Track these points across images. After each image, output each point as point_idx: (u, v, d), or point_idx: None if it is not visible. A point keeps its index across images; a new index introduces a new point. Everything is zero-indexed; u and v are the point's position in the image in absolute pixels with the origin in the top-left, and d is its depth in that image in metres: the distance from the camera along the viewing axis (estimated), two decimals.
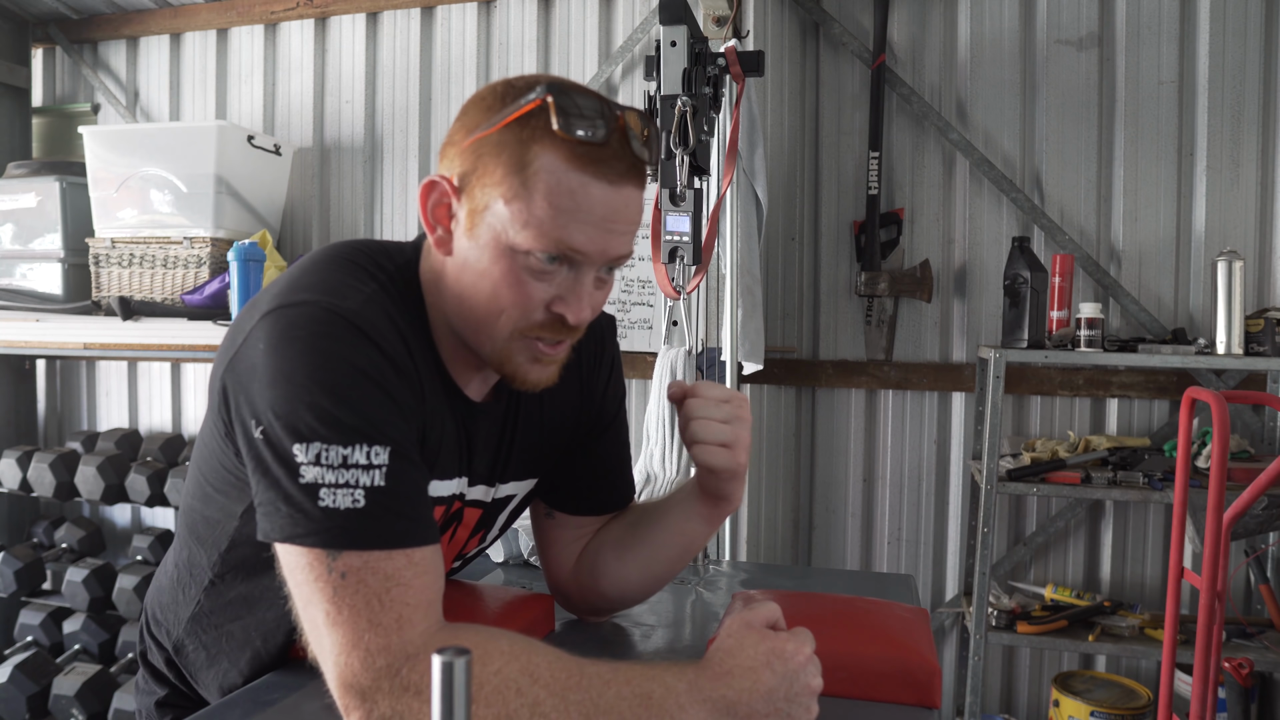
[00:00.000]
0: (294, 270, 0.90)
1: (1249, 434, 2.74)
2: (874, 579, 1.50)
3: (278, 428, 0.79)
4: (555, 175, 0.82)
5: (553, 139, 0.82)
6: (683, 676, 0.78)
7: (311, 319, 0.81)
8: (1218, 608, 2.12)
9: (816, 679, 0.81)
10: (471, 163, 0.86)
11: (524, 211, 0.83)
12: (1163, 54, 2.81)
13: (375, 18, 3.32)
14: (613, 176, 0.84)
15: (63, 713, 2.95)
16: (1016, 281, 2.60)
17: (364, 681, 0.75)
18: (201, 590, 0.99)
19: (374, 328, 0.83)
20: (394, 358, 0.83)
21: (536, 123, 0.83)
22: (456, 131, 0.89)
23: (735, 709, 0.77)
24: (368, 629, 0.76)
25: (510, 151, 0.83)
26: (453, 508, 0.99)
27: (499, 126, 0.84)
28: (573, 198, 0.83)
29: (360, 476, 0.78)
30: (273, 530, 0.79)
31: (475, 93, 0.90)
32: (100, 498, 3.11)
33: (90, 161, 3.05)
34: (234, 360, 0.85)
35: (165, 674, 1.06)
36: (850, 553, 3.12)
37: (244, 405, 0.82)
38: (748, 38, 2.68)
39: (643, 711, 0.75)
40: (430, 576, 0.80)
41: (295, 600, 0.81)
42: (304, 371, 0.79)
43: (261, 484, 0.80)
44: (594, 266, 0.87)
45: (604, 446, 1.13)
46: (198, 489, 0.97)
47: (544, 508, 1.15)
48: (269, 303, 0.85)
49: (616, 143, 0.84)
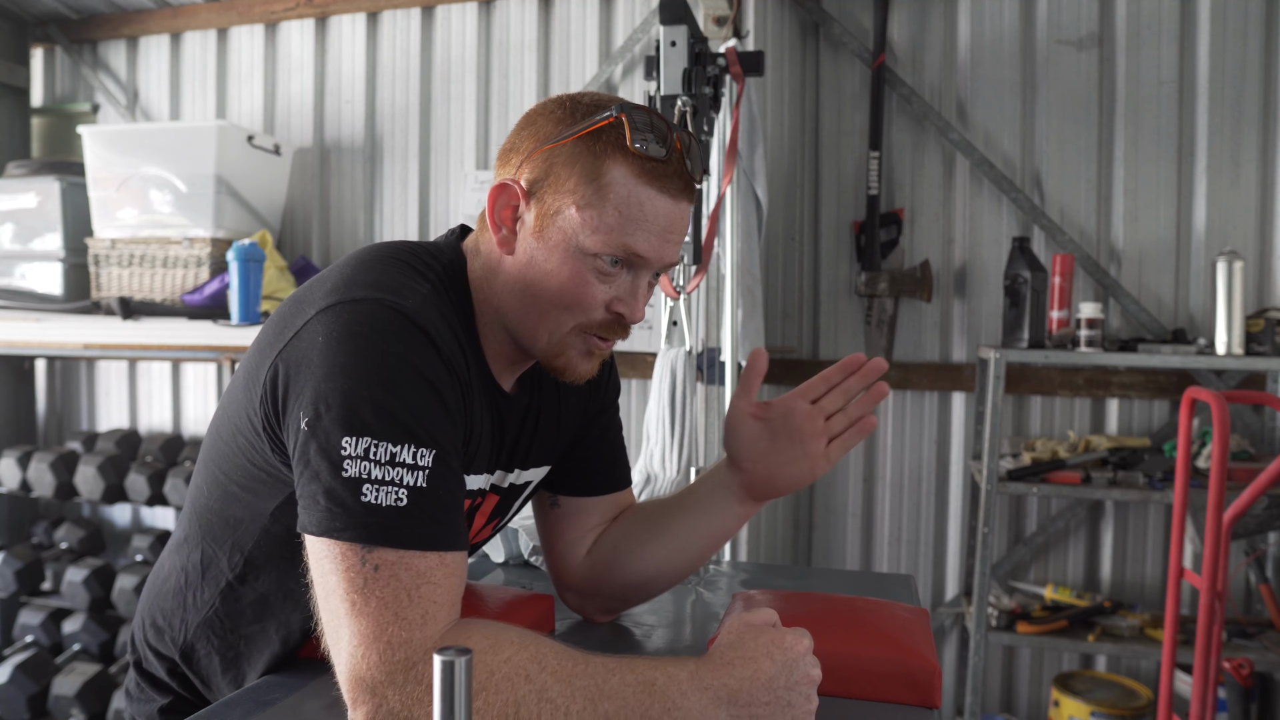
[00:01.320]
0: (345, 267, 0.91)
1: (1249, 434, 2.74)
2: (874, 579, 1.49)
3: (329, 419, 0.80)
4: (626, 187, 0.89)
5: (625, 154, 0.89)
6: (685, 666, 0.81)
7: (374, 316, 0.83)
8: (1218, 608, 2.12)
9: (815, 669, 0.83)
10: (543, 170, 0.91)
11: (595, 218, 0.89)
12: (1163, 54, 2.81)
13: (375, 18, 3.32)
14: (674, 191, 0.92)
15: (63, 713, 2.96)
16: (1016, 281, 2.60)
17: (377, 675, 0.76)
18: (217, 593, 0.97)
19: (434, 328, 0.86)
20: (449, 360, 0.86)
21: (609, 137, 0.90)
22: (524, 139, 0.94)
23: (737, 697, 0.79)
24: (393, 622, 0.77)
25: (584, 163, 0.90)
26: (477, 499, 1.01)
27: (573, 138, 0.90)
28: (641, 208, 0.90)
29: (405, 476, 0.79)
30: (310, 523, 0.80)
31: (542, 105, 0.96)
32: (100, 498, 3.11)
33: (90, 161, 3.05)
34: (285, 351, 0.85)
35: (167, 682, 1.04)
36: (850, 553, 3.12)
37: (294, 396, 0.83)
38: (748, 38, 2.68)
39: (645, 697, 0.78)
40: (458, 579, 0.83)
41: (318, 590, 0.81)
42: (364, 367, 0.81)
43: (304, 476, 0.81)
44: (649, 272, 0.95)
45: (603, 430, 1.17)
46: (216, 489, 0.97)
47: (548, 498, 1.17)
48: (326, 298, 0.86)
49: (676, 161, 0.91)
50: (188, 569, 1.00)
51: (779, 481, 1.05)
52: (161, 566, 1.06)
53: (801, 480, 1.05)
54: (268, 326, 0.92)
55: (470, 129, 3.22)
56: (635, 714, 0.78)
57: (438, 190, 3.28)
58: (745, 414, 1.06)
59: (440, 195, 3.27)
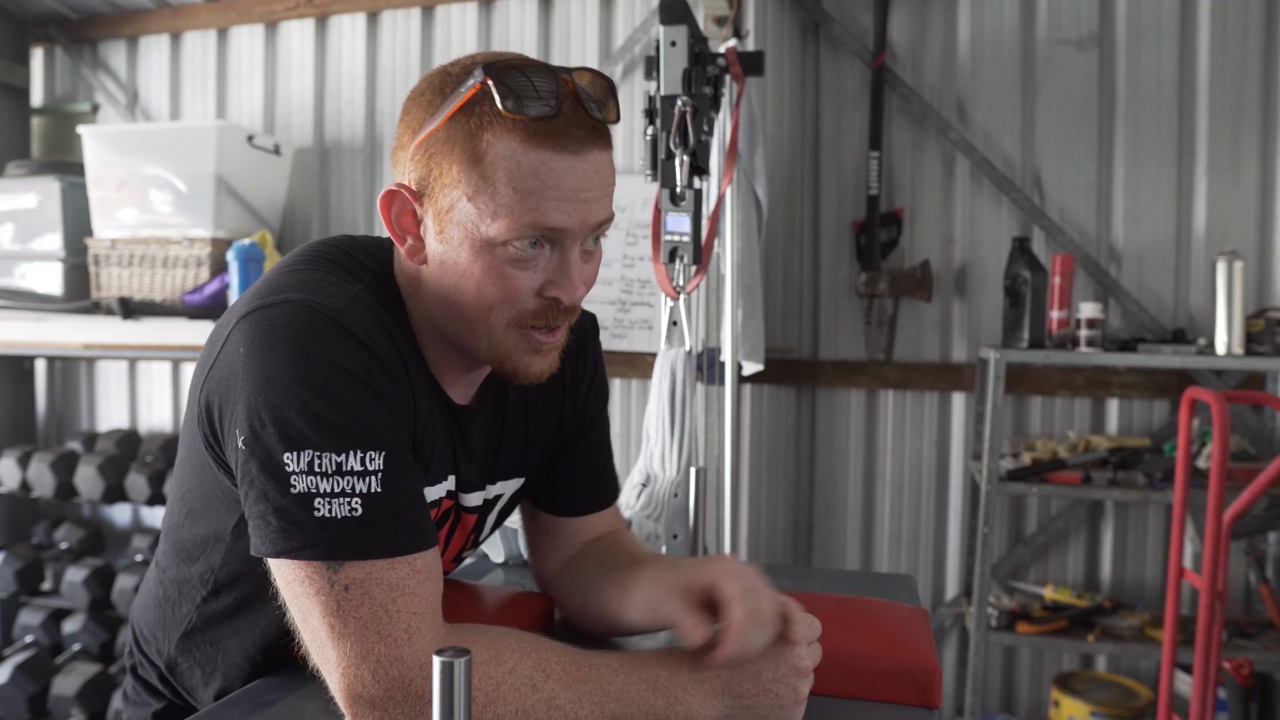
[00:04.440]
0: (272, 272, 0.86)
1: (1249, 434, 2.74)
2: (874, 579, 1.49)
3: (265, 436, 0.75)
4: (513, 159, 0.79)
5: (502, 122, 0.78)
6: (685, 659, 0.81)
7: (295, 319, 0.78)
8: (1218, 608, 2.12)
9: (805, 661, 0.83)
10: (424, 164, 0.82)
11: (490, 203, 0.79)
12: (1163, 54, 2.81)
13: (375, 17, 3.32)
14: (574, 145, 0.80)
15: (62, 713, 2.95)
16: (1016, 281, 2.60)
17: (375, 692, 0.74)
18: (194, 608, 0.95)
19: (361, 328, 0.80)
20: (383, 359, 0.80)
21: (481, 109, 0.79)
22: (402, 134, 0.85)
23: (729, 688, 0.81)
24: (377, 641, 0.74)
25: (461, 145, 0.80)
26: (443, 508, 0.97)
27: (444, 121, 0.81)
28: (537, 177, 0.79)
29: (356, 483, 0.75)
30: (264, 545, 0.76)
31: (414, 88, 0.86)
32: (100, 498, 3.11)
33: (90, 161, 3.05)
34: (213, 368, 0.81)
35: (160, 689, 1.03)
36: (850, 553, 3.12)
37: (227, 415, 0.78)
38: (748, 38, 2.68)
39: (650, 694, 0.79)
40: (433, 582, 0.79)
41: (293, 613, 0.78)
42: (290, 375, 0.75)
43: (250, 496, 0.76)
44: (577, 240, 0.84)
45: (585, 449, 1.11)
46: (182, 508, 0.93)
47: (529, 508, 1.15)
48: (246, 304, 0.81)
49: (570, 109, 0.80)
50: (165, 584, 0.98)
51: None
52: (148, 579, 1.04)
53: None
54: (205, 342, 0.87)
55: None
56: (641, 711, 0.78)
57: None
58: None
59: None
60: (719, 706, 0.80)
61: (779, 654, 0.82)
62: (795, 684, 0.82)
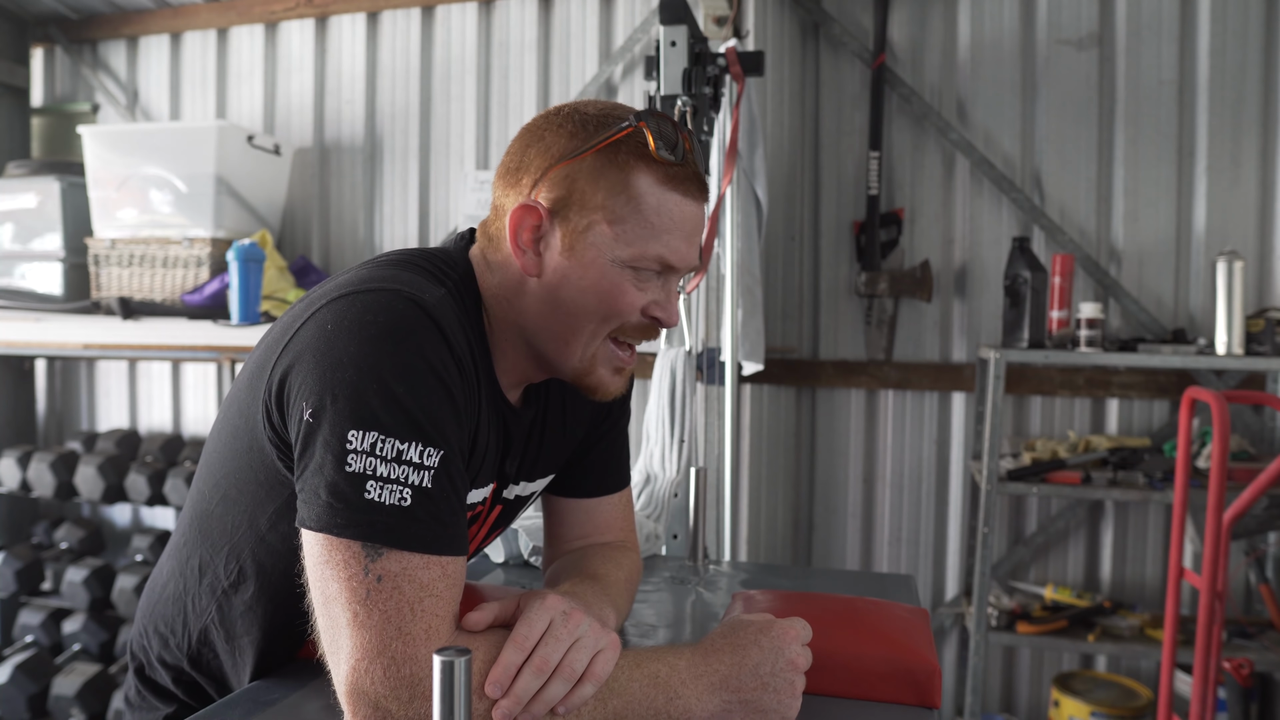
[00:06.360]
0: (359, 267, 0.90)
1: (1249, 434, 2.74)
2: (874, 579, 1.49)
3: (335, 411, 0.77)
4: (654, 196, 0.90)
5: (648, 163, 0.89)
6: (683, 655, 0.84)
7: (390, 306, 0.81)
8: (1218, 608, 2.12)
9: (802, 656, 0.86)
10: (565, 188, 0.90)
11: (627, 231, 0.89)
12: (1163, 54, 2.81)
13: (375, 17, 3.32)
14: (694, 193, 0.92)
15: (62, 713, 2.95)
16: (1016, 281, 2.60)
17: (380, 690, 0.75)
18: (214, 599, 0.95)
19: (449, 325, 0.84)
20: (461, 360, 0.85)
21: (629, 148, 0.89)
22: (534, 157, 0.91)
23: (728, 683, 0.83)
24: (396, 637, 0.75)
25: (609, 176, 0.89)
26: (477, 509, 1.00)
27: (591, 151, 0.89)
28: (670, 216, 0.90)
29: (411, 475, 0.77)
30: (309, 518, 0.77)
31: (544, 119, 0.93)
32: (100, 498, 3.11)
33: (90, 161, 3.05)
34: (291, 343, 0.83)
35: (173, 691, 1.02)
36: (850, 553, 3.12)
37: (298, 388, 0.80)
38: (748, 38, 2.68)
39: (652, 690, 0.81)
40: (457, 589, 0.81)
41: (316, 592, 0.78)
42: (375, 356, 0.78)
43: (306, 469, 0.79)
44: (679, 274, 0.95)
45: (606, 442, 1.17)
46: (215, 493, 0.94)
47: (546, 495, 1.19)
48: (334, 291, 0.85)
49: (690, 163, 0.92)
50: (185, 575, 0.98)
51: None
52: (160, 572, 1.04)
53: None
54: (275, 325, 0.90)
55: (470, 129, 3.22)
56: (642, 707, 0.80)
57: (437, 190, 3.28)
58: None
59: (440, 195, 3.27)
60: (717, 701, 0.82)
61: (776, 649, 0.84)
62: (792, 679, 0.84)
